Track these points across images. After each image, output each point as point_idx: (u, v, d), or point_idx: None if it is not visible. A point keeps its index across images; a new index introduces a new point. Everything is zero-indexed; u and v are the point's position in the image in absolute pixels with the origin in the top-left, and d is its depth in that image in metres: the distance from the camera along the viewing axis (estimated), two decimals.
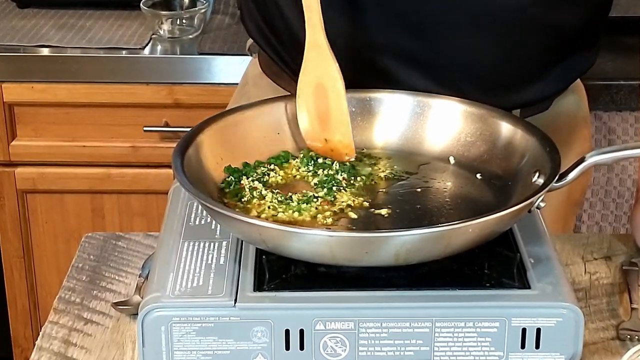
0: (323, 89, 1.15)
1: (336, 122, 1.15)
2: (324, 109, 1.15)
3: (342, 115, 1.15)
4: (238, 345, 0.97)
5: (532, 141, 1.09)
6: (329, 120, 1.15)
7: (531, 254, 1.03)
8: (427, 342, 0.97)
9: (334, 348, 0.97)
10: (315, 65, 1.15)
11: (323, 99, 1.15)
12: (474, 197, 1.10)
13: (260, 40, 1.37)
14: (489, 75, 1.26)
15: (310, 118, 1.16)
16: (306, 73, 1.15)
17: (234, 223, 0.98)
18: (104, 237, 1.25)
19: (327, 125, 1.15)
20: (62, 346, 1.07)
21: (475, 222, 0.95)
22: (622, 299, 1.13)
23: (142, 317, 0.97)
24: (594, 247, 1.23)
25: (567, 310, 0.97)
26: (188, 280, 0.99)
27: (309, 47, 1.15)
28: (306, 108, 1.16)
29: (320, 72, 1.15)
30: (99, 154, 2.03)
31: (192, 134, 1.11)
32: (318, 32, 1.13)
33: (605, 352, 1.06)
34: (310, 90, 1.15)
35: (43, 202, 2.08)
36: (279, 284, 0.99)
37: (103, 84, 1.97)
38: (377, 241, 0.95)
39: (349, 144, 1.14)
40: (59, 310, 1.12)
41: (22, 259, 2.11)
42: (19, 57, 1.97)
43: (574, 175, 1.04)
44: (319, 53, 1.14)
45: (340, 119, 1.15)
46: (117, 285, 1.16)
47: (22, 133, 2.03)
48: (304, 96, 1.16)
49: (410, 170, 1.13)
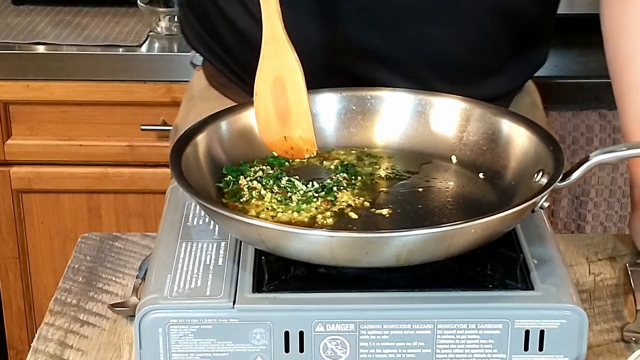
0: (281, 82, 1.12)
1: (296, 116, 1.12)
2: (282, 105, 1.12)
3: (302, 108, 1.12)
4: (237, 347, 0.96)
5: (535, 140, 1.09)
6: (288, 116, 1.13)
7: (535, 254, 1.03)
8: (429, 344, 0.96)
9: (334, 350, 0.97)
10: (273, 58, 1.12)
11: (281, 94, 1.12)
12: (476, 196, 1.09)
13: (204, 51, 1.35)
14: (452, 66, 1.26)
15: (268, 115, 1.13)
16: (263, 69, 1.13)
17: (233, 223, 0.97)
18: (100, 237, 1.25)
19: (286, 121, 1.13)
20: (58, 348, 1.06)
21: (478, 222, 0.95)
22: (627, 301, 1.13)
23: (139, 319, 0.96)
24: (599, 247, 1.22)
25: (571, 312, 0.96)
26: (186, 281, 0.99)
27: (266, 41, 1.12)
28: (264, 106, 1.13)
29: (278, 64, 1.12)
30: (95, 153, 2.02)
31: (189, 133, 1.10)
32: (275, 23, 1.11)
33: (609, 354, 1.05)
34: (268, 86, 1.13)
35: (38, 202, 2.07)
36: (278, 285, 0.98)
37: (99, 82, 1.97)
38: (377, 242, 0.94)
39: (309, 138, 1.13)
40: (55, 312, 1.11)
41: (17, 260, 2.10)
42: (14, 55, 1.97)
43: (578, 175, 1.03)
44: (277, 46, 1.11)
45: (300, 112, 1.12)
46: (114, 286, 1.16)
47: (18, 132, 2.02)
48: (262, 94, 1.13)
49: (411, 169, 1.13)
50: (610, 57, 1.29)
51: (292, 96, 1.12)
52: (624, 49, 1.26)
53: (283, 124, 1.13)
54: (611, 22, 1.28)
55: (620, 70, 1.27)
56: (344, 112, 1.18)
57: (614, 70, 1.28)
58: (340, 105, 1.17)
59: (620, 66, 1.27)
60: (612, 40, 1.28)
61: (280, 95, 1.13)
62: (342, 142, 1.17)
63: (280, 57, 1.12)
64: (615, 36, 1.28)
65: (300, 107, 1.12)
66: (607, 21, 1.29)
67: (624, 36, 1.27)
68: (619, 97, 1.27)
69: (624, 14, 1.27)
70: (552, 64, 1.92)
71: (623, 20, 1.27)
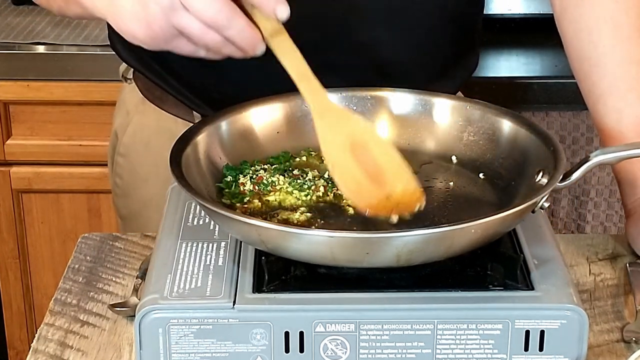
0: (360, 146, 1.04)
1: (392, 171, 1.03)
2: (371, 166, 1.03)
3: (395, 160, 1.03)
4: (237, 348, 0.96)
5: (536, 140, 1.09)
6: (382, 174, 1.03)
7: (535, 255, 1.02)
8: (429, 344, 0.96)
9: (334, 350, 0.96)
10: (336, 127, 1.04)
11: (365, 156, 1.03)
12: (476, 197, 1.09)
13: (137, 65, 1.32)
14: (400, 70, 1.26)
15: (359, 182, 1.03)
16: (331, 140, 1.03)
17: (233, 223, 0.97)
18: (100, 237, 1.24)
19: (382, 180, 1.04)
20: (58, 348, 1.06)
21: (478, 222, 0.94)
22: (627, 301, 1.13)
23: (139, 319, 0.96)
24: (599, 247, 1.22)
25: (571, 312, 0.96)
26: (186, 281, 0.98)
27: (320, 115, 1.04)
28: (350, 175, 1.03)
29: (347, 131, 1.04)
30: (95, 153, 2.02)
31: (189, 134, 1.10)
32: (323, 97, 1.03)
33: (610, 354, 1.05)
34: (346, 155, 1.03)
35: (39, 202, 2.07)
36: (278, 285, 0.98)
37: (99, 82, 1.97)
38: (378, 242, 0.94)
39: (415, 188, 1.03)
40: (55, 312, 1.11)
41: (17, 260, 2.10)
42: (14, 55, 1.96)
43: (578, 175, 1.03)
44: (335, 115, 1.04)
45: (395, 165, 1.03)
46: (114, 286, 1.16)
47: (18, 132, 2.02)
48: (342, 164, 1.03)
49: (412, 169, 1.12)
50: (574, 62, 1.27)
51: (380, 153, 1.03)
52: (588, 54, 1.25)
53: (380, 184, 1.03)
54: (570, 24, 1.26)
55: (587, 76, 1.25)
56: None
57: (580, 75, 1.26)
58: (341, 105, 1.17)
59: (587, 71, 1.25)
60: (574, 44, 1.26)
61: (364, 158, 1.03)
62: None
63: (346, 123, 1.04)
64: (577, 40, 1.26)
65: (393, 160, 1.03)
66: (566, 24, 1.27)
67: (585, 39, 1.25)
68: (592, 103, 1.25)
69: (582, 16, 1.25)
70: (552, 64, 1.92)
71: (582, 22, 1.25)
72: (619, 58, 1.23)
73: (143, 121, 1.35)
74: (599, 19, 1.24)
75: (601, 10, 1.24)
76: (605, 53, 1.23)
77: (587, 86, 1.26)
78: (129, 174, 1.38)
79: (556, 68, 1.90)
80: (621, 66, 1.23)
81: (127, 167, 1.38)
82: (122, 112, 1.42)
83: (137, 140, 1.37)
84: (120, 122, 1.41)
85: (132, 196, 1.40)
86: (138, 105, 1.38)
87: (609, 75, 1.23)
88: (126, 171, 1.39)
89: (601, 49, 1.24)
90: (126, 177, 1.39)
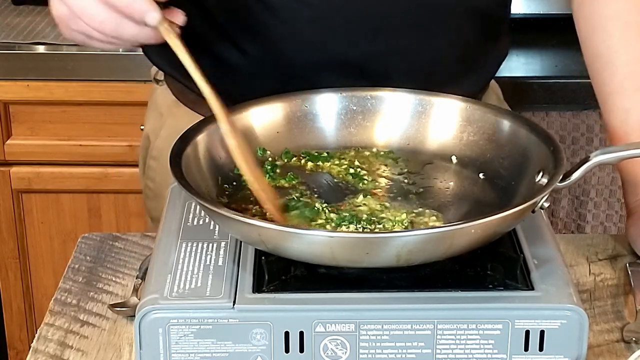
0: None
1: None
2: None
3: None
4: (237, 348, 0.96)
5: (536, 140, 1.09)
6: None
7: (535, 254, 1.02)
8: (429, 344, 0.96)
9: (335, 350, 0.96)
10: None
11: None
12: (476, 197, 1.09)
13: (169, 69, 1.32)
14: (430, 72, 1.25)
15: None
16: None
17: (233, 224, 0.97)
18: (100, 237, 1.25)
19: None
20: (58, 348, 1.06)
21: (478, 222, 0.94)
22: (627, 301, 1.13)
23: (139, 319, 0.96)
24: (599, 247, 1.22)
25: (571, 312, 0.96)
26: (186, 281, 0.98)
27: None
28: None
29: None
30: (95, 153, 2.02)
31: (189, 133, 1.10)
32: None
33: (610, 354, 1.05)
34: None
35: (39, 202, 2.07)
36: (278, 285, 0.98)
37: (100, 82, 1.96)
38: (378, 242, 0.94)
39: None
40: (55, 312, 1.11)
41: (17, 260, 2.10)
42: (14, 55, 1.96)
43: (578, 175, 1.03)
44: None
45: None
46: (114, 286, 1.16)
47: (18, 132, 2.02)
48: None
49: (412, 169, 1.13)
50: (588, 59, 1.27)
51: None
52: (601, 51, 1.25)
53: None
54: (585, 21, 1.26)
55: (599, 73, 1.25)
56: (344, 112, 1.18)
57: (593, 72, 1.27)
58: (341, 105, 1.17)
59: (599, 68, 1.25)
60: (588, 42, 1.26)
61: None
62: (342, 142, 1.17)
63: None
64: (591, 37, 1.26)
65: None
66: (581, 21, 1.27)
67: (599, 36, 1.25)
68: (603, 100, 1.26)
69: (596, 13, 1.25)
70: (552, 64, 1.92)
71: (595, 19, 1.25)
72: (628, 57, 1.23)
73: (177, 124, 1.34)
74: (610, 16, 1.24)
75: (613, 7, 1.24)
76: (616, 51, 1.24)
77: (598, 84, 1.26)
78: (162, 177, 1.38)
79: (556, 68, 1.90)
80: (629, 65, 1.23)
81: (160, 171, 1.38)
82: (155, 114, 1.42)
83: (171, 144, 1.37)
84: (153, 125, 1.41)
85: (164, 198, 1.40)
86: (171, 107, 1.37)
87: (619, 74, 1.24)
88: (159, 174, 1.38)
89: (612, 47, 1.24)
90: (158, 180, 1.39)
